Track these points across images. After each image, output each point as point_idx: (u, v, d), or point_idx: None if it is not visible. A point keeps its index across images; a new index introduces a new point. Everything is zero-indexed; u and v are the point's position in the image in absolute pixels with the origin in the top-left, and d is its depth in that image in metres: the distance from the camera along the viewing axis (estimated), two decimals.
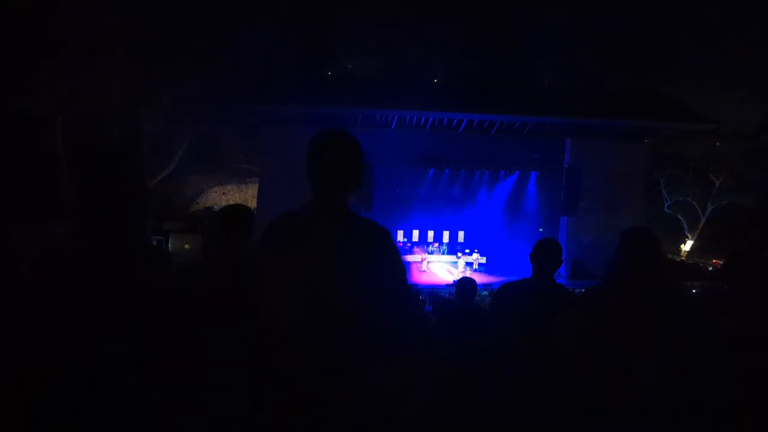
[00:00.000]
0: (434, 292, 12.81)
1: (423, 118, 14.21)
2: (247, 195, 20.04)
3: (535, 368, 2.55)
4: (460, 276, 4.49)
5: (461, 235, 16.42)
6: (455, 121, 14.37)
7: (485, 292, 10.66)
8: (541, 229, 15.87)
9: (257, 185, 15.39)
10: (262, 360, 1.65)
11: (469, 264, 15.33)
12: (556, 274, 2.99)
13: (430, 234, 16.28)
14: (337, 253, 1.57)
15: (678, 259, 19.93)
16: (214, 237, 2.50)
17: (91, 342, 1.64)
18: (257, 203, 15.16)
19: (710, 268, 18.49)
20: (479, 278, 11.83)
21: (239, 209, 2.60)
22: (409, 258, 15.18)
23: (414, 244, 16.00)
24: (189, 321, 2.05)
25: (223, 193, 20.09)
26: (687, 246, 20.51)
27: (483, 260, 15.57)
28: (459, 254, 15.79)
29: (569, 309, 2.57)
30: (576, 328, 2.40)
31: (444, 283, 13.51)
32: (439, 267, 15.45)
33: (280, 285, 1.61)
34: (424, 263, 15.35)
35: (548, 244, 2.95)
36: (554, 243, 2.96)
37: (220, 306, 2.14)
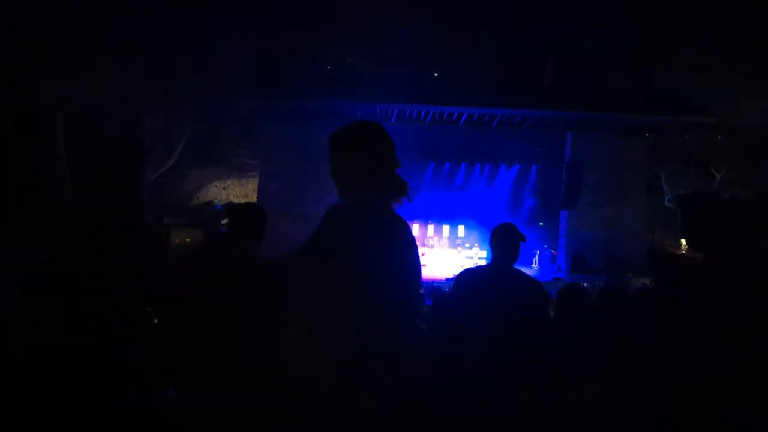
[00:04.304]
0: (434, 286, 12.80)
1: (423, 112, 14.17)
2: (247, 189, 20.02)
3: (504, 355, 2.53)
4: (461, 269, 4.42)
5: (461, 229, 16.42)
6: (455, 114, 14.33)
7: None
8: (541, 224, 15.86)
9: (257, 179, 15.38)
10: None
11: (469, 258, 15.32)
12: (555, 267, 2.98)
13: (430, 228, 16.28)
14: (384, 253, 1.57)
15: (678, 253, 19.90)
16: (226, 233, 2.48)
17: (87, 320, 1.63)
18: (258, 198, 15.15)
19: None
20: None
21: (254, 211, 2.56)
22: None
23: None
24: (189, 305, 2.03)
25: (224, 188, 20.06)
26: None
27: (483, 254, 15.56)
28: (459, 248, 15.79)
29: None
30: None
31: (444, 278, 13.50)
32: (439, 261, 15.45)
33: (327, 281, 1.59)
34: (425, 257, 15.36)
35: (504, 229, 2.89)
36: (511, 227, 2.90)
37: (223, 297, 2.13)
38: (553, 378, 2.32)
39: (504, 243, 2.82)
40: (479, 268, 3.01)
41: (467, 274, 2.99)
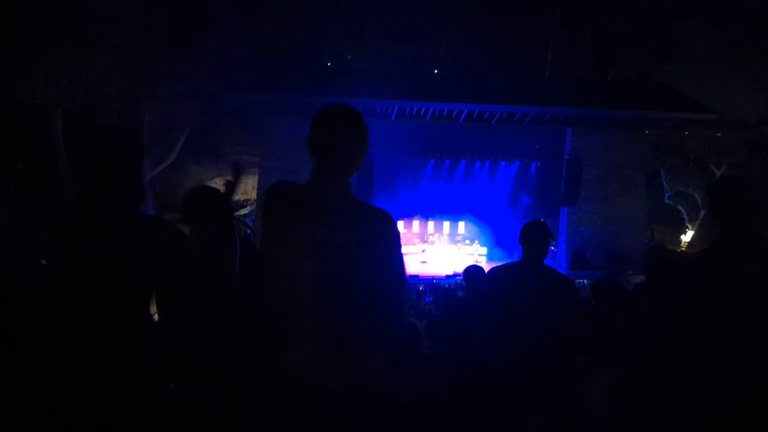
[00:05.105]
0: (435, 283, 12.84)
1: (423, 109, 14.15)
2: (247, 186, 20.00)
3: (529, 349, 2.53)
4: (469, 265, 4.39)
5: (461, 225, 16.43)
6: (455, 111, 14.31)
7: None
8: (541, 220, 15.86)
9: (257, 176, 15.37)
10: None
11: (469, 255, 15.33)
12: (556, 264, 2.98)
13: (431, 225, 16.29)
14: (332, 227, 1.56)
15: (678, 250, 19.91)
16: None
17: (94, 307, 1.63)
18: (257, 194, 15.15)
19: None
20: None
21: (202, 193, 2.53)
22: (410, 249, 15.19)
23: (414, 235, 16.00)
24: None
25: (223, 184, 20.07)
26: (687, 236, 20.50)
27: (483, 251, 15.58)
28: (459, 245, 15.80)
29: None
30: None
31: (444, 275, 13.52)
32: (439, 258, 15.47)
33: (275, 248, 1.60)
34: (425, 254, 15.37)
35: (536, 226, 2.90)
36: (542, 225, 2.91)
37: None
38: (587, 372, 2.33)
39: (536, 240, 2.84)
40: (510, 265, 3.02)
41: (499, 271, 2.99)
